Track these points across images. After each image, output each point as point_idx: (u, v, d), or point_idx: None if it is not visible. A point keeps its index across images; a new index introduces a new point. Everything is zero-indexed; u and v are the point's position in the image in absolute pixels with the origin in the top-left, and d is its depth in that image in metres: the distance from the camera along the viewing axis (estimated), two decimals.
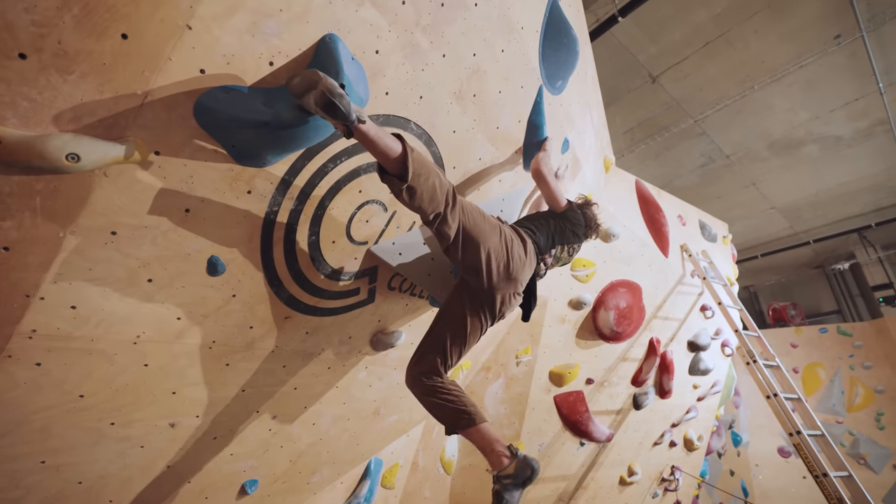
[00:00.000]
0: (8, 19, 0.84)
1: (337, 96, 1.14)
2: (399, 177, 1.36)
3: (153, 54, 1.01)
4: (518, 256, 1.75)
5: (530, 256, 1.83)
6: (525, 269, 1.79)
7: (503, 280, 1.72)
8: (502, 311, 1.81)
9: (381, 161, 1.36)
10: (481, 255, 1.63)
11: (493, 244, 1.66)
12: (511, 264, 1.72)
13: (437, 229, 1.55)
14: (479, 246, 1.62)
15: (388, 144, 1.31)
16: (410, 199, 1.41)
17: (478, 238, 1.62)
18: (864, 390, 7.28)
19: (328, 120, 1.22)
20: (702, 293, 4.30)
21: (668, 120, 5.72)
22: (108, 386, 1.36)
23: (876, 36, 4.58)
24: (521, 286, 1.82)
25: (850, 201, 7.29)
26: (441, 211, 1.50)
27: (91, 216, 1.09)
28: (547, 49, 2.22)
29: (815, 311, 9.21)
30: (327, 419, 2.32)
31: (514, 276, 1.75)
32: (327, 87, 1.14)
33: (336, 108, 1.14)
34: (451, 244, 1.60)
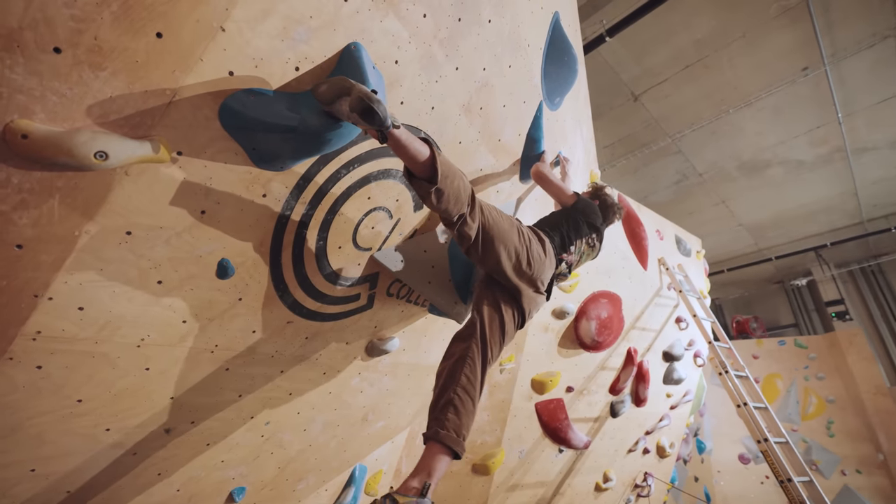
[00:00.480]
0: (48, 13, 0.81)
1: (375, 101, 1.15)
2: (428, 179, 1.38)
3: (185, 54, 1.00)
4: (537, 255, 1.75)
5: (549, 255, 1.83)
6: (545, 267, 1.79)
7: (524, 278, 1.72)
8: (528, 309, 1.80)
9: (411, 164, 1.37)
10: (501, 253, 1.64)
11: (512, 242, 1.67)
12: (532, 263, 1.72)
13: (459, 230, 1.55)
14: (498, 245, 1.63)
15: (417, 148, 1.33)
16: (438, 202, 1.42)
17: (497, 237, 1.62)
18: (816, 400, 7.71)
19: (361, 125, 1.22)
20: (677, 305, 4.47)
21: (648, 138, 5.95)
22: (107, 390, 1.31)
23: (837, 70, 4.92)
24: (542, 285, 1.81)
25: (808, 221, 7.76)
26: (464, 212, 1.51)
27: (109, 215, 1.06)
28: (549, 66, 2.29)
29: (775, 324, 9.71)
30: (318, 425, 2.29)
31: (534, 275, 1.75)
32: (364, 92, 1.15)
33: (374, 113, 1.15)
34: (471, 245, 1.60)
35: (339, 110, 1.20)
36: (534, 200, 2.81)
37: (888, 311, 8.32)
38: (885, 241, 8.07)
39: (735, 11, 4.39)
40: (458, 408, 1.48)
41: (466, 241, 1.59)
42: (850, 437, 7.30)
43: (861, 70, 4.93)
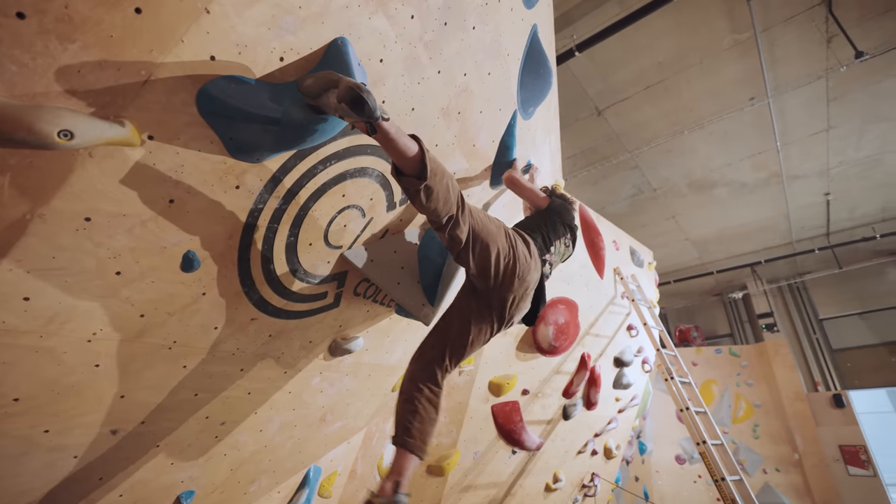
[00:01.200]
0: None
1: (365, 91, 1.11)
2: (417, 176, 1.34)
3: (165, 33, 0.94)
4: (523, 256, 1.74)
5: (535, 257, 1.82)
6: (531, 269, 1.77)
7: (512, 281, 1.70)
8: (511, 314, 1.79)
9: (399, 160, 1.33)
10: (491, 256, 1.61)
11: (500, 244, 1.65)
12: (518, 265, 1.71)
13: (450, 233, 1.51)
14: (489, 247, 1.60)
15: (406, 144, 1.30)
16: (427, 200, 1.38)
17: (487, 239, 1.60)
18: (745, 404, 8.33)
19: (350, 117, 1.17)
20: (629, 313, 4.69)
21: (608, 151, 6.20)
22: (49, 388, 1.20)
23: (779, 102, 5.34)
24: (530, 287, 1.81)
25: (747, 239, 8.36)
26: (454, 213, 1.48)
27: (66, 199, 0.98)
28: (525, 77, 2.34)
29: (713, 333, 10.39)
30: (275, 425, 2.21)
31: (522, 276, 1.73)
32: (353, 82, 1.12)
33: (364, 103, 1.11)
34: (462, 248, 1.56)
35: (325, 103, 1.17)
36: (502, 206, 2.85)
37: (809, 324, 9.12)
38: (809, 261, 8.85)
39: (694, 39, 4.67)
40: (422, 416, 1.65)
41: (457, 244, 1.56)
42: (772, 438, 7.94)
43: (798, 104, 5.39)
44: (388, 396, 3.07)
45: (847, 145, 6.02)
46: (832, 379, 8.49)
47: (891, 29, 4.43)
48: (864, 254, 8.53)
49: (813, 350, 8.89)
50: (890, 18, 4.34)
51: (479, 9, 1.73)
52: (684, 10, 4.33)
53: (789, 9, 4.34)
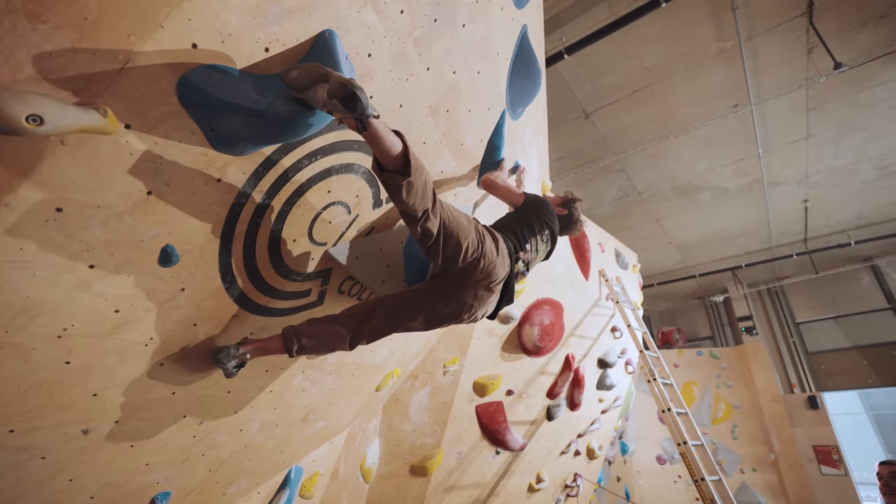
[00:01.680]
0: None
1: (358, 88, 1.09)
2: (400, 172, 1.34)
3: (145, 18, 0.91)
4: (490, 252, 1.74)
5: (503, 254, 1.82)
6: (498, 266, 1.78)
7: (478, 274, 1.71)
8: (474, 308, 1.79)
9: (383, 157, 1.32)
10: (461, 248, 1.63)
11: (470, 239, 1.66)
12: (483, 260, 1.71)
13: (423, 227, 1.52)
14: (459, 240, 1.61)
15: (392, 141, 1.29)
16: (407, 195, 1.38)
17: (457, 232, 1.61)
18: (725, 406, 8.50)
19: (339, 113, 1.15)
20: (613, 315, 4.73)
21: (595, 154, 6.26)
22: (16, 386, 1.15)
23: (761, 110, 5.46)
24: (495, 283, 1.80)
25: (728, 244, 8.53)
26: (429, 208, 1.49)
27: (36, 188, 0.93)
28: (514, 77, 2.34)
29: (694, 335, 10.57)
30: (256, 425, 2.17)
31: (488, 271, 1.74)
32: (345, 78, 1.10)
33: (357, 100, 1.09)
34: (434, 241, 1.58)
35: (313, 97, 1.14)
36: (489, 206, 2.85)
37: (786, 328, 9.34)
38: (788, 266, 9.06)
39: (680, 46, 4.73)
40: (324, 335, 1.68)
41: (428, 237, 1.57)
42: (749, 439, 8.11)
43: (779, 113, 5.51)
44: (371, 396, 3.04)
45: (825, 154, 6.18)
46: (807, 381, 8.71)
47: (868, 42, 4.56)
48: (839, 260, 8.77)
49: (790, 353, 9.11)
50: (867, 31, 4.47)
51: (470, 6, 1.72)
52: (672, 16, 4.39)
53: (772, 19, 4.43)
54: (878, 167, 6.41)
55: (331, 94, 1.10)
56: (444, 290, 1.77)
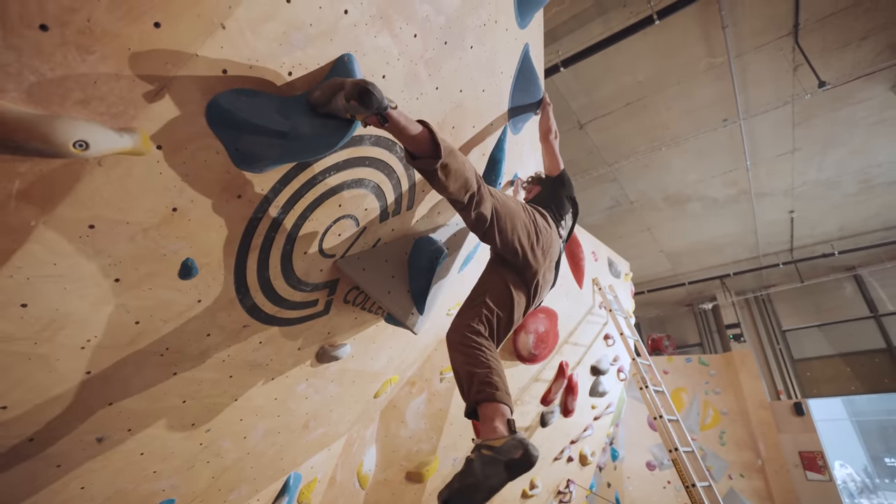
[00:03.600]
0: None
1: (370, 84, 1.15)
2: (432, 156, 1.36)
3: (181, 47, 0.96)
4: (545, 228, 1.74)
5: (553, 227, 1.81)
6: (553, 240, 1.76)
7: (538, 253, 1.70)
8: (538, 290, 1.76)
9: (411, 144, 1.36)
10: (518, 232, 1.61)
11: (522, 218, 1.65)
12: (540, 238, 1.70)
13: (476, 212, 1.50)
14: (514, 224, 1.60)
15: (415, 127, 1.33)
16: (446, 178, 1.38)
17: (508, 216, 1.60)
18: (713, 412, 8.64)
19: (361, 113, 1.20)
20: (606, 323, 4.82)
21: (588, 164, 6.38)
22: (39, 396, 1.18)
23: (749, 124, 5.62)
24: (553, 259, 1.79)
25: (716, 253, 8.71)
26: (474, 190, 1.47)
27: (72, 206, 0.97)
28: (516, 93, 2.41)
29: (683, 342, 10.74)
30: (259, 432, 2.19)
31: (546, 248, 1.73)
32: (357, 80, 1.16)
33: (371, 95, 1.15)
34: (489, 226, 1.55)
35: (335, 107, 1.20)
36: None
37: (773, 335, 9.54)
38: (775, 275, 9.27)
39: (673, 61, 4.87)
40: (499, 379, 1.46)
41: (483, 222, 1.54)
42: (737, 445, 8.25)
43: (766, 127, 5.68)
44: (370, 403, 3.08)
45: (810, 167, 6.37)
46: (793, 388, 8.90)
47: (850, 61, 4.74)
48: (824, 269, 9.00)
49: (776, 360, 9.30)
50: (850, 52, 4.64)
51: (478, 29, 1.79)
52: (664, 33, 4.52)
53: (760, 37, 4.59)
54: (860, 181, 6.62)
55: (347, 97, 1.16)
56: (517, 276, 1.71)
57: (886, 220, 7.55)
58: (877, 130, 5.68)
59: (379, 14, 1.34)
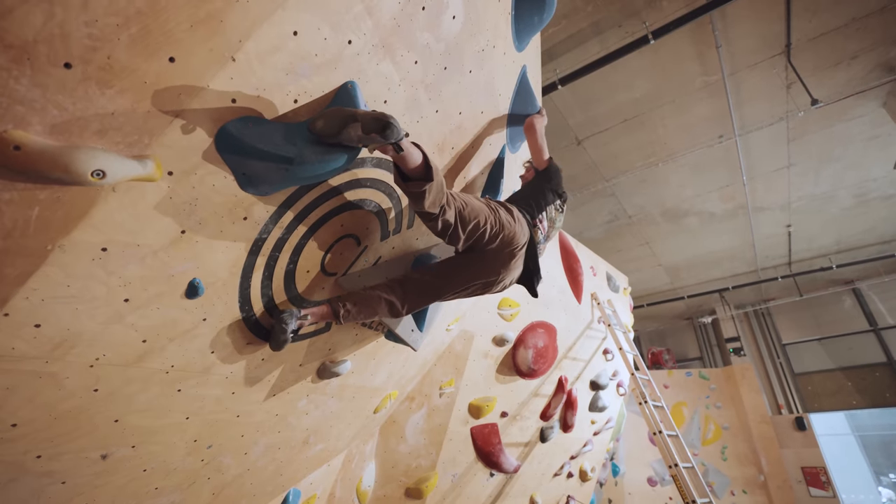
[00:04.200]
0: (66, 29, 0.80)
1: (390, 117, 1.22)
2: (423, 178, 1.47)
3: (194, 79, 1.01)
4: (507, 221, 1.87)
5: (519, 221, 1.95)
6: (517, 232, 1.90)
7: (500, 243, 1.84)
8: (501, 276, 1.94)
9: (410, 169, 1.45)
10: (479, 228, 1.75)
11: (485, 214, 1.78)
12: (504, 230, 1.84)
13: (441, 220, 1.63)
14: (477, 219, 1.74)
15: (416, 153, 1.43)
16: (428, 195, 1.49)
17: (473, 215, 1.73)
18: (714, 427, 8.58)
19: (377, 143, 1.27)
20: (605, 338, 4.83)
21: (587, 179, 6.45)
22: (48, 413, 1.21)
23: (745, 140, 5.71)
24: (517, 249, 1.93)
25: (715, 267, 8.74)
26: (444, 202, 1.60)
27: (86, 230, 1.01)
28: (514, 114, 2.47)
29: (683, 356, 10.71)
30: (260, 448, 2.20)
31: (509, 240, 1.87)
32: (374, 112, 1.23)
33: (393, 127, 1.22)
34: (452, 229, 1.69)
35: (348, 138, 1.25)
36: None
37: (773, 349, 9.52)
38: (773, 288, 9.30)
39: (668, 79, 4.97)
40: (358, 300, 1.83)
41: (447, 227, 1.68)
42: (739, 460, 8.17)
43: (762, 143, 5.76)
44: (369, 418, 3.08)
45: (805, 182, 6.45)
46: (794, 402, 8.85)
47: (842, 79, 4.84)
48: (822, 283, 9.02)
49: (777, 374, 9.27)
50: (841, 70, 4.75)
51: (477, 55, 1.85)
52: (659, 52, 4.63)
53: (753, 56, 4.69)
54: (855, 195, 6.69)
55: (367, 130, 1.22)
56: (471, 260, 1.91)
57: (883, 233, 7.61)
58: (870, 146, 5.77)
59: (381, 43, 1.40)
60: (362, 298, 1.82)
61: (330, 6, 1.18)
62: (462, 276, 1.93)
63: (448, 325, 3.15)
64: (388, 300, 1.86)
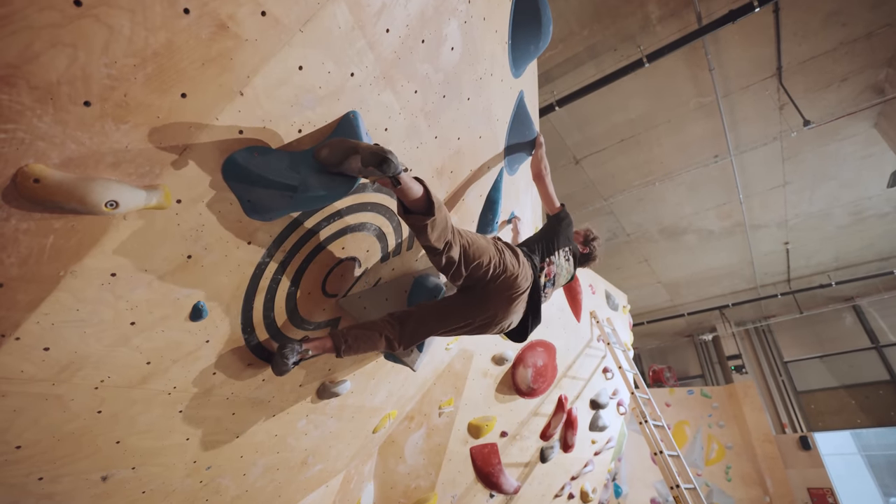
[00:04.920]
0: (88, 71, 0.85)
1: (388, 152, 1.27)
2: (424, 213, 1.49)
3: (203, 113, 1.06)
4: (511, 264, 1.86)
5: (524, 265, 1.93)
6: (521, 276, 1.88)
7: (502, 284, 1.83)
8: (499, 319, 1.91)
9: (410, 202, 1.48)
10: (482, 267, 1.76)
11: (490, 254, 1.79)
12: (507, 271, 1.83)
13: (446, 257, 1.65)
14: (480, 261, 1.75)
15: (416, 187, 1.46)
16: (431, 231, 1.52)
17: (478, 255, 1.74)
18: (718, 446, 8.46)
19: (375, 176, 1.32)
20: (605, 356, 4.83)
21: (585, 198, 6.53)
22: (52, 435, 1.23)
23: (740, 160, 5.80)
24: (519, 293, 1.90)
25: (714, 284, 8.77)
26: (450, 239, 1.62)
27: (98, 257, 1.05)
28: (512, 138, 2.54)
29: (685, 374, 10.64)
30: (258, 469, 2.20)
31: (511, 282, 1.86)
32: (374, 147, 1.28)
33: (390, 162, 1.27)
34: (456, 267, 1.70)
35: (348, 168, 1.31)
36: None
37: (775, 366, 9.47)
38: (773, 305, 9.30)
39: (663, 101, 5.08)
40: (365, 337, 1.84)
41: (451, 265, 1.70)
42: (743, 481, 8.04)
43: (757, 162, 5.86)
44: (368, 438, 3.07)
45: (801, 199, 6.52)
46: (798, 421, 8.76)
47: (833, 100, 4.95)
48: (823, 299, 9.03)
49: (779, 392, 9.20)
50: (831, 92, 4.86)
51: (475, 82, 1.92)
52: (654, 75, 4.74)
53: (745, 78, 4.81)
54: (851, 213, 6.76)
55: (365, 163, 1.27)
56: (472, 301, 1.90)
57: (880, 250, 7.66)
58: (864, 165, 5.86)
59: (382, 75, 1.46)
60: (362, 334, 1.83)
61: (334, 42, 1.25)
62: (460, 316, 1.92)
63: (447, 344, 3.17)
64: (387, 337, 1.87)
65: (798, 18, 4.19)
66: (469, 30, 1.73)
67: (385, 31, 1.37)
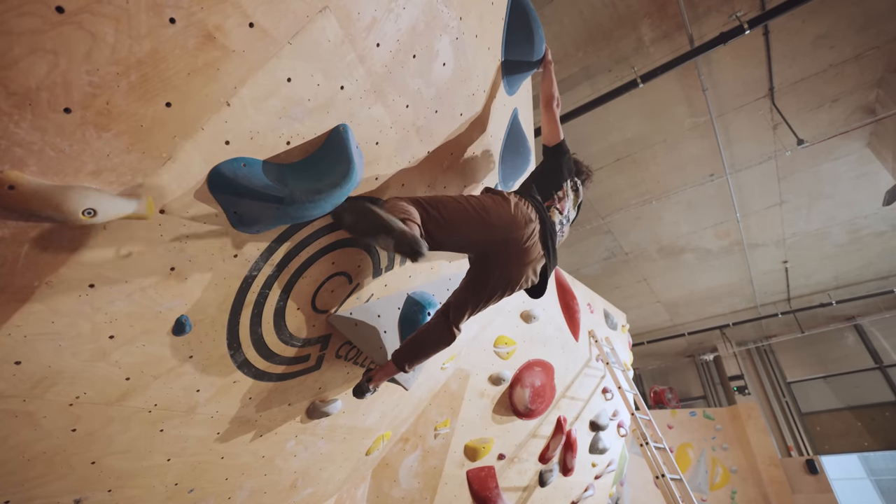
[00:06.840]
0: (68, 78, 0.84)
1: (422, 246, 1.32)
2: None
3: (189, 123, 1.05)
4: (495, 213, 1.74)
5: (522, 213, 1.80)
6: (521, 226, 1.77)
7: (497, 236, 1.75)
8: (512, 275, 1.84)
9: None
10: (461, 233, 1.71)
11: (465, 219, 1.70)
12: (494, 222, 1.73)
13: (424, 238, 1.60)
14: (456, 229, 1.68)
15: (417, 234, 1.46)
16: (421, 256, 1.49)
17: (448, 226, 1.66)
18: (722, 470, 8.25)
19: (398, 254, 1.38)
20: (604, 376, 4.75)
21: (582, 216, 6.54)
22: (21, 455, 1.18)
23: (736, 178, 5.83)
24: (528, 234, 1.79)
25: (714, 303, 8.71)
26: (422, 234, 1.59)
27: (75, 267, 1.03)
28: (506, 154, 2.55)
29: (686, 395, 10.47)
30: (245, 493, 2.12)
31: (508, 230, 1.75)
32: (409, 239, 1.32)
33: (420, 255, 1.32)
34: (436, 245, 1.66)
35: (377, 243, 1.37)
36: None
37: (778, 387, 9.32)
38: (774, 324, 9.22)
39: (658, 120, 5.14)
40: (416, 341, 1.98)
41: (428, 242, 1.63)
42: None
43: (753, 181, 5.89)
44: (361, 460, 2.98)
45: (798, 218, 6.53)
46: (804, 443, 8.57)
47: (825, 120, 5.01)
48: (824, 319, 8.96)
49: (784, 413, 9.03)
50: (823, 112, 4.92)
51: (468, 98, 1.93)
52: (648, 95, 4.81)
53: (739, 99, 4.88)
54: (849, 231, 6.77)
55: (399, 250, 1.32)
56: (488, 267, 1.84)
57: (880, 269, 7.63)
58: (859, 184, 5.89)
59: (373, 88, 1.47)
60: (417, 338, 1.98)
61: (323, 55, 1.25)
62: (483, 280, 1.86)
63: (443, 363, 3.11)
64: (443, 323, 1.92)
65: (787, 41, 4.27)
66: (461, 46, 1.75)
67: (375, 45, 1.38)
